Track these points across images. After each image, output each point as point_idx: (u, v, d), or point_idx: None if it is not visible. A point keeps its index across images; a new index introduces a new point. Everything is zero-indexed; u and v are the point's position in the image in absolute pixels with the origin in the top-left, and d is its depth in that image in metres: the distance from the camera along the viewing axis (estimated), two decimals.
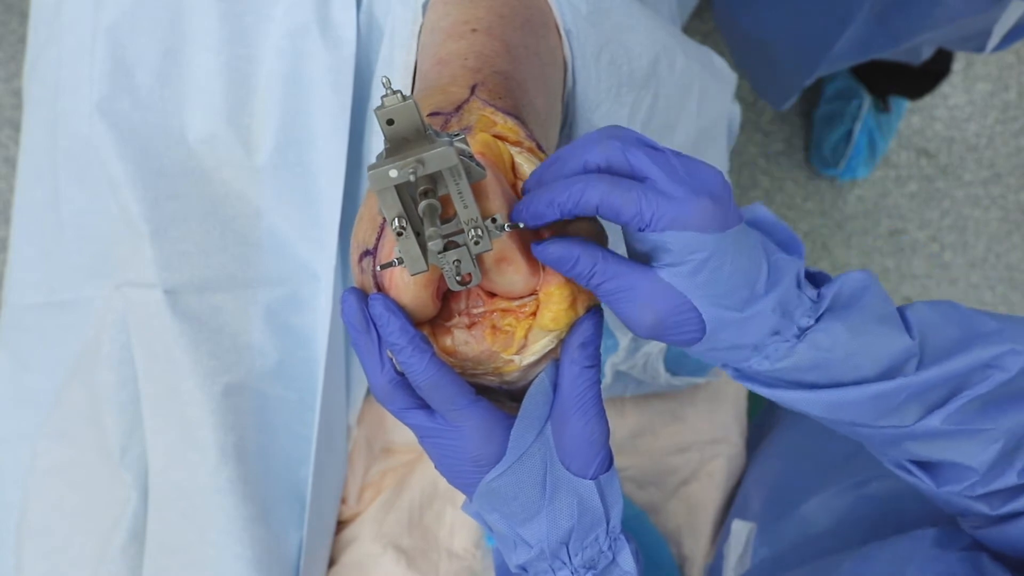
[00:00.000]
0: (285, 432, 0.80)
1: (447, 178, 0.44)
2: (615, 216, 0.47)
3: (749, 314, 0.48)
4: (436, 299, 0.49)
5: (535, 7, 0.62)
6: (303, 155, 0.77)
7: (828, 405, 0.51)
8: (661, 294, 0.47)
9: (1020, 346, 0.52)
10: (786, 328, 0.49)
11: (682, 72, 0.77)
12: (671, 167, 0.47)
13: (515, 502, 0.51)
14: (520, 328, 0.50)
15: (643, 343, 0.87)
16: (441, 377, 0.48)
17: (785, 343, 0.49)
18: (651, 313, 0.48)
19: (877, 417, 0.51)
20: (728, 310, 0.48)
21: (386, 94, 0.43)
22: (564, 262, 0.48)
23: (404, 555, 0.83)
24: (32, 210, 0.86)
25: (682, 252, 0.46)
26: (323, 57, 0.74)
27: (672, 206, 0.46)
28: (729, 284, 0.47)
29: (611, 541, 0.53)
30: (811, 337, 0.49)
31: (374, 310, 0.48)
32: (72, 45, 0.80)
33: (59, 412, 0.82)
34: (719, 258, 0.47)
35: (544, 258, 0.48)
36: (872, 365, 0.50)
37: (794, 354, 0.49)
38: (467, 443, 0.50)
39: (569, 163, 0.48)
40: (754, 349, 0.50)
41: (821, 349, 0.49)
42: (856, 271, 0.52)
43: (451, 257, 0.46)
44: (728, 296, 0.48)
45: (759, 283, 0.48)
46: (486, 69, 0.56)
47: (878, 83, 1.49)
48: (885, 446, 0.54)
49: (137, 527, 0.79)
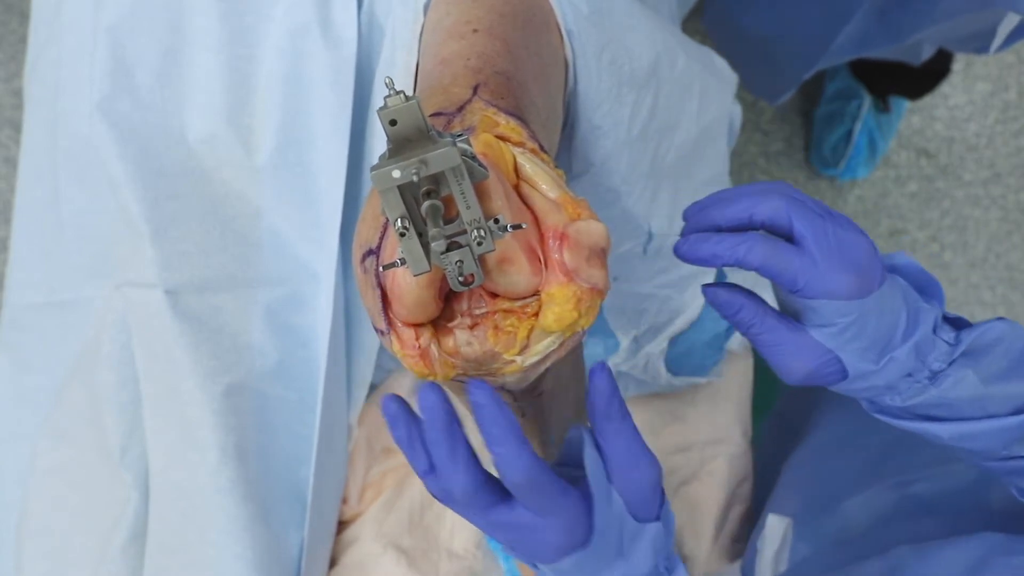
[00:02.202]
0: (286, 432, 0.79)
1: (450, 178, 0.44)
2: (772, 277, 0.53)
3: (886, 361, 0.53)
4: (438, 299, 0.49)
5: (536, 7, 0.62)
6: (303, 155, 0.77)
7: (955, 435, 0.55)
8: (812, 350, 0.54)
9: None
10: (918, 371, 0.54)
11: (683, 72, 0.77)
12: (825, 237, 0.52)
13: (587, 568, 0.51)
14: (522, 329, 0.50)
15: (644, 343, 0.87)
16: (541, 474, 0.47)
17: (917, 384, 0.54)
18: (803, 366, 0.54)
19: (1003, 447, 0.55)
20: (868, 362, 0.54)
21: (389, 94, 0.43)
22: (729, 307, 0.54)
23: (405, 555, 0.83)
24: (32, 210, 0.86)
25: (831, 316, 0.52)
26: (324, 57, 0.74)
27: (823, 280, 0.52)
28: (871, 339, 0.53)
29: (668, 561, 0.54)
30: (942, 382, 0.54)
31: (479, 397, 0.46)
32: (72, 45, 0.80)
33: (59, 412, 0.82)
34: (862, 320, 0.52)
35: (712, 299, 0.54)
36: (1000, 407, 0.55)
37: (924, 393, 0.54)
38: (554, 535, 0.50)
39: (735, 209, 0.54)
40: (887, 388, 0.55)
41: (947, 391, 0.54)
42: (998, 320, 0.56)
43: (454, 257, 0.46)
44: (870, 350, 0.53)
45: (897, 334, 0.54)
46: (488, 69, 0.56)
47: (878, 83, 1.49)
48: (1012, 476, 0.58)
49: (137, 527, 0.79)
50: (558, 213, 0.50)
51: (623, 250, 0.80)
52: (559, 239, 0.49)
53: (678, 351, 0.89)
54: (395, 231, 0.44)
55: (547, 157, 0.52)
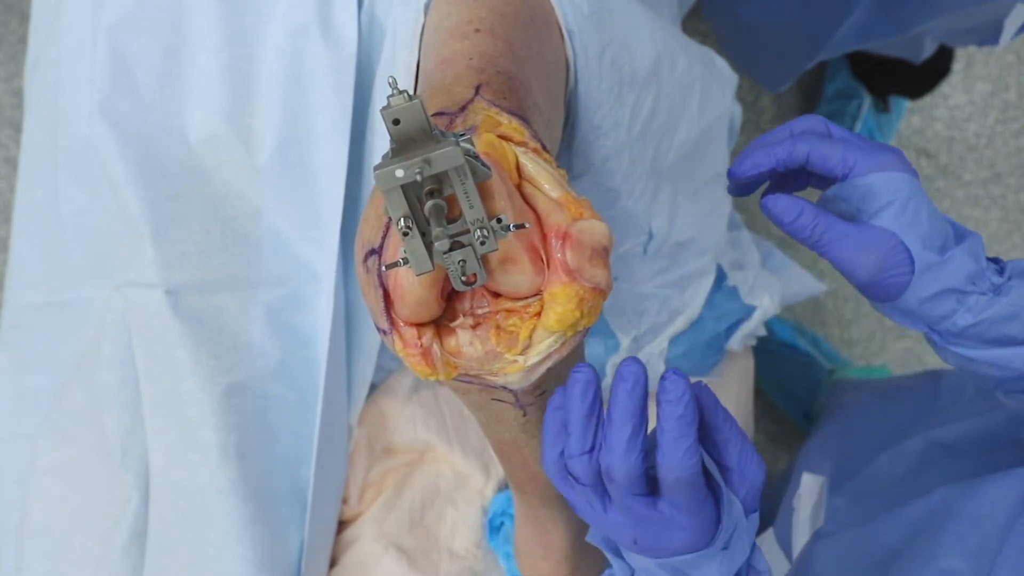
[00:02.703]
0: (286, 432, 0.79)
1: (453, 178, 0.44)
2: (823, 164, 0.55)
3: (948, 257, 0.55)
4: (440, 299, 0.49)
5: (538, 7, 0.62)
6: (304, 155, 0.77)
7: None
8: (877, 237, 0.55)
9: None
10: (981, 279, 0.56)
11: (683, 72, 0.77)
12: (860, 136, 0.57)
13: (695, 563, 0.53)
14: (524, 328, 0.50)
15: (644, 343, 0.87)
16: (699, 476, 0.49)
17: (983, 295, 0.55)
18: (870, 254, 0.55)
19: None
20: (931, 251, 0.55)
21: (392, 94, 0.43)
22: (790, 212, 0.55)
23: (405, 555, 0.83)
24: (33, 210, 0.86)
25: (889, 192, 0.54)
26: (324, 57, 0.74)
27: (871, 156, 0.55)
28: (930, 226, 0.55)
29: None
30: (1006, 289, 0.56)
31: (672, 389, 0.49)
32: (73, 45, 0.80)
33: (59, 412, 0.82)
34: (918, 200, 0.55)
35: (772, 207, 0.56)
36: None
37: (993, 305, 0.55)
38: (689, 534, 0.51)
39: (777, 132, 0.58)
40: (958, 299, 0.56)
41: (1017, 299, 0.55)
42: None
43: (456, 257, 0.46)
44: (930, 238, 0.55)
45: (950, 233, 0.56)
46: (490, 69, 0.56)
47: (878, 83, 1.49)
48: None
49: (138, 527, 0.79)
50: (560, 213, 0.50)
51: (623, 250, 0.80)
52: (562, 239, 0.49)
53: (678, 351, 0.89)
54: (398, 230, 0.44)
55: (549, 157, 0.52)
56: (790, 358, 1.41)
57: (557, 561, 0.81)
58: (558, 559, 0.81)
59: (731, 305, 0.90)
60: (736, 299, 0.90)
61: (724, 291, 0.90)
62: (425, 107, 0.43)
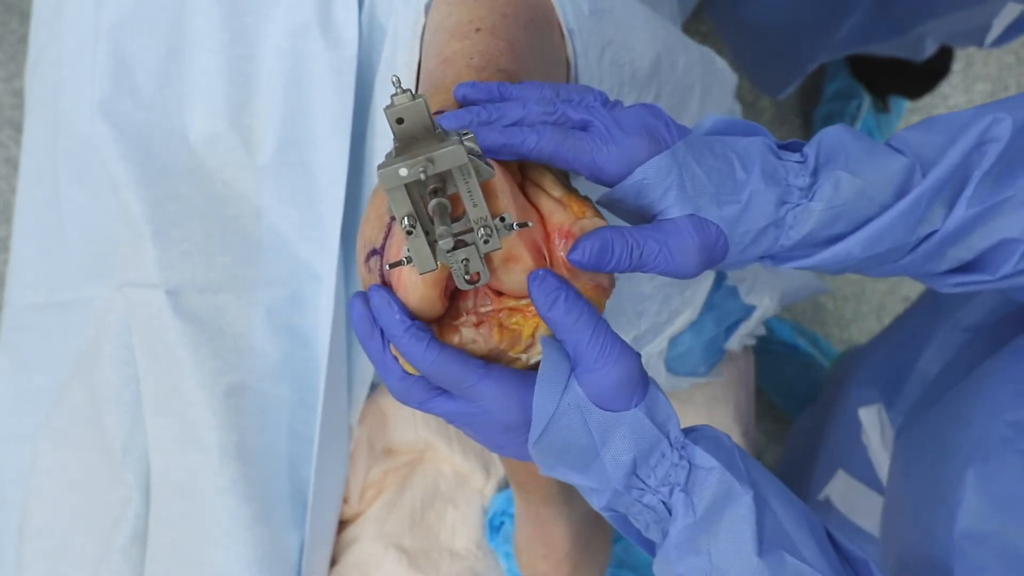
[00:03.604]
0: (287, 432, 0.80)
1: (456, 177, 0.44)
2: (570, 164, 0.51)
3: (746, 198, 0.51)
4: (444, 298, 0.49)
5: (538, 6, 0.63)
6: (304, 155, 0.77)
7: (865, 243, 0.53)
8: (681, 228, 0.51)
9: (1000, 113, 0.54)
10: (789, 194, 0.52)
11: (684, 72, 0.78)
12: (605, 116, 0.52)
13: (569, 455, 0.51)
14: (527, 327, 0.50)
15: (644, 343, 0.87)
16: (443, 359, 0.48)
17: (797, 207, 0.52)
18: (688, 248, 0.51)
19: (910, 234, 0.54)
20: (727, 204, 0.51)
21: (396, 92, 0.43)
22: (604, 257, 0.50)
23: (406, 555, 0.84)
24: (33, 210, 0.86)
25: (655, 179, 0.50)
26: (324, 57, 0.74)
27: (621, 147, 0.51)
28: (712, 183, 0.51)
29: (679, 450, 0.52)
30: (818, 193, 0.52)
31: (373, 300, 0.49)
32: (73, 45, 0.81)
33: (60, 412, 0.82)
34: (688, 168, 0.51)
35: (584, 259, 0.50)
36: (884, 191, 0.53)
37: (811, 214, 0.52)
38: (492, 416, 0.50)
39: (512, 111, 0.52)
40: (776, 227, 0.52)
41: (832, 199, 0.52)
42: (826, 128, 0.54)
43: (460, 256, 0.46)
44: (719, 194, 0.51)
45: (737, 170, 0.52)
46: (491, 68, 0.56)
47: (878, 83, 1.49)
48: (929, 262, 0.56)
49: (138, 527, 0.79)
50: (563, 212, 0.50)
51: None
52: (564, 237, 0.49)
53: (678, 351, 0.89)
54: (402, 229, 0.44)
55: None
56: (790, 358, 1.42)
57: (558, 560, 0.81)
58: (558, 558, 0.81)
59: (731, 305, 0.90)
60: (736, 299, 0.91)
61: (724, 291, 0.90)
62: (428, 105, 0.43)
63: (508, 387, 0.50)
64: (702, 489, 0.51)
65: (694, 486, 0.51)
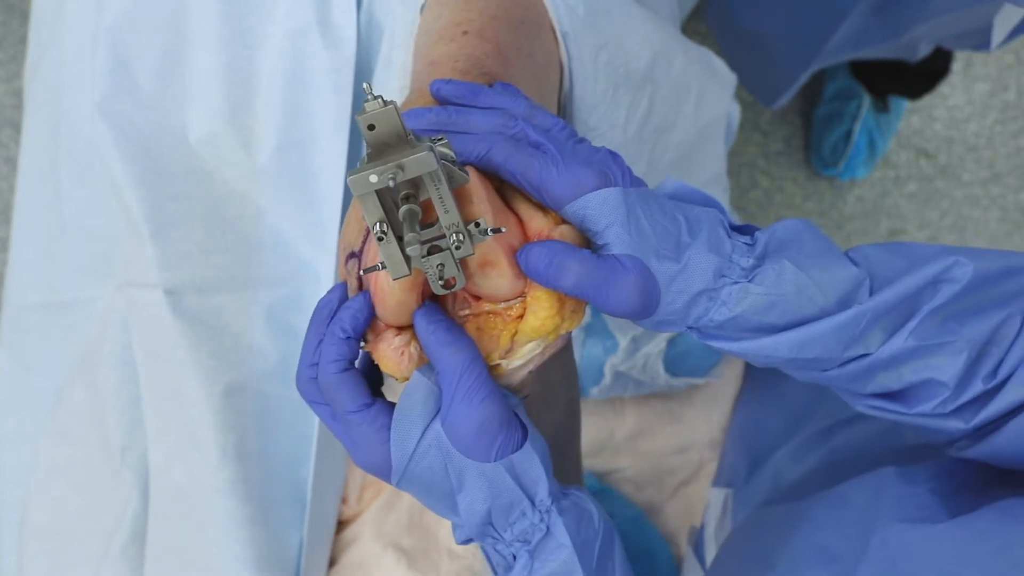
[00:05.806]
0: (286, 432, 0.80)
1: (427, 183, 0.44)
2: (517, 179, 0.49)
3: (686, 261, 0.50)
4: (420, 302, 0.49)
5: (530, 9, 0.63)
6: (304, 155, 0.77)
7: (794, 344, 0.52)
8: (627, 267, 0.49)
9: (964, 258, 0.53)
10: (729, 270, 0.51)
11: (680, 73, 0.78)
12: (562, 142, 0.51)
13: (432, 494, 0.51)
14: (506, 332, 0.50)
15: (643, 344, 0.87)
16: (339, 382, 0.49)
17: (735, 285, 0.51)
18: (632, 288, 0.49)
19: (843, 349, 0.52)
20: (667, 260, 0.50)
21: (367, 99, 0.43)
22: (561, 273, 0.48)
23: (404, 555, 0.84)
24: (33, 210, 0.86)
25: (600, 211, 0.49)
26: (324, 57, 0.74)
27: (570, 173, 0.49)
28: (656, 235, 0.49)
29: (542, 515, 0.52)
30: (759, 277, 0.51)
31: (327, 297, 0.51)
32: (73, 45, 0.81)
33: (60, 412, 0.82)
34: (634, 211, 0.49)
35: (535, 271, 0.49)
36: (826, 295, 0.51)
37: (748, 296, 0.51)
38: (357, 451, 0.51)
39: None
40: (709, 298, 0.51)
41: (772, 286, 0.51)
42: (791, 219, 0.53)
43: (435, 261, 0.46)
44: (662, 247, 0.49)
45: (683, 233, 0.50)
46: (475, 71, 0.56)
47: (877, 83, 1.49)
48: (854, 382, 0.55)
49: (138, 527, 0.79)
50: (542, 218, 0.50)
51: None
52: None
53: (677, 351, 0.89)
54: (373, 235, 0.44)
55: None
56: None
57: None
58: None
59: None
60: None
61: None
62: (399, 112, 0.43)
63: (377, 430, 0.50)
64: (545, 561, 0.52)
65: (541, 553, 0.52)
